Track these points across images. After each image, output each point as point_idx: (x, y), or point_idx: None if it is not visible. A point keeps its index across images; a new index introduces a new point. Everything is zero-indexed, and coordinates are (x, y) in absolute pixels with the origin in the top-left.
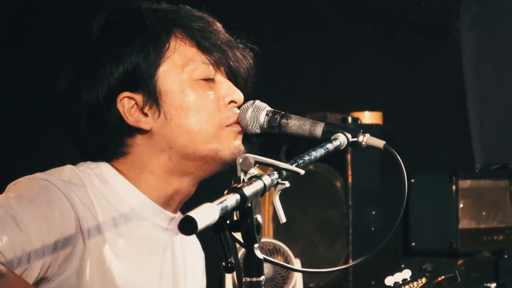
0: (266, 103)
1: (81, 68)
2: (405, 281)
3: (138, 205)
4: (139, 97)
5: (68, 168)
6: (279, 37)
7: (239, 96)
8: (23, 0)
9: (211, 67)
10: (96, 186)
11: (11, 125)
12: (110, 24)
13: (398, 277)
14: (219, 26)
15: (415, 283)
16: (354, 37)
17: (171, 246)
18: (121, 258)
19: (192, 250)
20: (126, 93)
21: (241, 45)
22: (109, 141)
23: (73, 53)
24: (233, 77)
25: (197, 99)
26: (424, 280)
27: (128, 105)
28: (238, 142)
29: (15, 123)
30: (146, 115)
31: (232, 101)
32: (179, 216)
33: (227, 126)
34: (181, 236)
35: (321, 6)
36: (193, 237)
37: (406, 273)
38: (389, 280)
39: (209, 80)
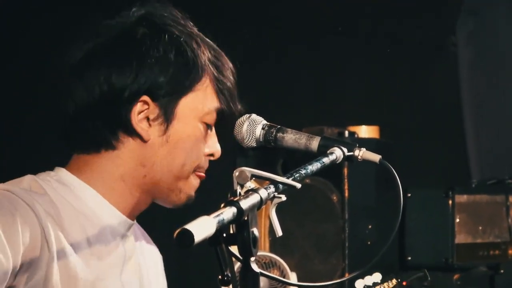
0: (262, 117)
1: (122, 56)
2: (375, 284)
3: (102, 212)
4: (155, 108)
5: (28, 177)
6: (275, 51)
7: (218, 153)
8: (23, 0)
9: (216, 116)
10: (59, 193)
11: (10, 125)
12: (162, 26)
13: (368, 280)
14: (234, 76)
15: (385, 284)
16: (350, 51)
17: (132, 252)
18: (85, 264)
19: (150, 253)
20: (146, 97)
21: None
22: (106, 128)
23: (104, 30)
24: (218, 124)
25: (196, 139)
26: (394, 281)
27: (140, 107)
28: (193, 194)
29: (14, 123)
30: (149, 125)
31: (211, 155)
32: (136, 223)
33: (197, 171)
34: (140, 242)
35: (317, 20)
36: (150, 242)
37: (376, 277)
38: (359, 284)
39: (208, 126)
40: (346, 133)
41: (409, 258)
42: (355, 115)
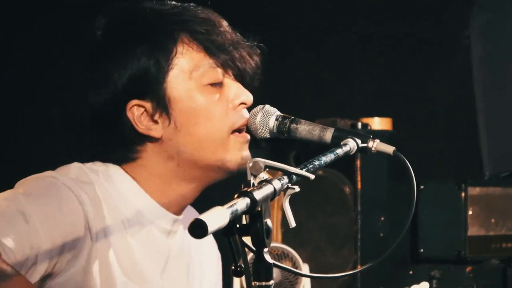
0: (276, 108)
1: (88, 75)
2: None
3: (143, 207)
4: (148, 105)
5: (76, 165)
6: (288, 42)
7: (248, 97)
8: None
9: (219, 70)
10: (103, 184)
11: (17, 123)
12: (113, 29)
13: None
14: (225, 25)
15: None
16: (364, 43)
17: (179, 248)
18: (125, 258)
19: (206, 250)
20: (135, 101)
21: (247, 44)
22: (118, 148)
23: (79, 59)
24: (241, 77)
25: (206, 106)
26: None
27: (137, 112)
28: (245, 153)
29: (22, 121)
30: (156, 122)
31: (242, 103)
32: (182, 218)
33: (235, 131)
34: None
35: (332, 11)
36: (209, 237)
37: (424, 286)
38: None
39: (217, 84)
40: (359, 124)
41: (422, 250)
42: (368, 107)
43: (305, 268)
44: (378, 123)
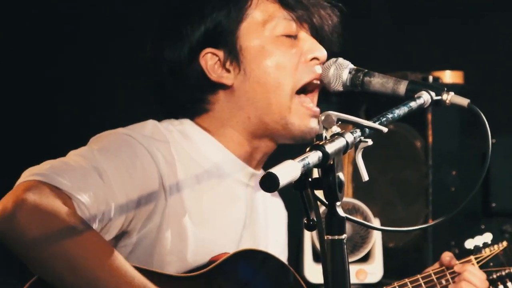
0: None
1: (163, 28)
2: (485, 245)
3: (221, 161)
4: (221, 53)
5: (151, 123)
6: None
7: (322, 53)
8: None
9: (293, 23)
10: (179, 142)
11: (92, 81)
12: None
13: (479, 240)
14: None
15: (495, 246)
16: None
17: (252, 202)
18: (200, 214)
19: (274, 208)
20: (209, 49)
21: (326, 3)
22: (192, 98)
23: (157, 14)
24: (317, 34)
25: (277, 55)
26: (505, 243)
27: (211, 61)
28: (312, 124)
29: (98, 79)
30: (228, 71)
31: (314, 58)
32: (261, 173)
33: (301, 93)
34: (263, 194)
35: None
36: (276, 196)
37: (487, 237)
38: (469, 243)
39: (291, 36)
40: (430, 78)
41: (494, 204)
42: (439, 60)
43: (376, 223)
44: (449, 76)
